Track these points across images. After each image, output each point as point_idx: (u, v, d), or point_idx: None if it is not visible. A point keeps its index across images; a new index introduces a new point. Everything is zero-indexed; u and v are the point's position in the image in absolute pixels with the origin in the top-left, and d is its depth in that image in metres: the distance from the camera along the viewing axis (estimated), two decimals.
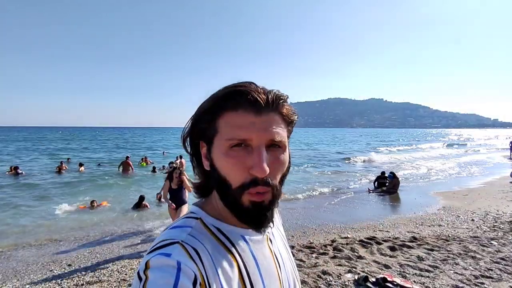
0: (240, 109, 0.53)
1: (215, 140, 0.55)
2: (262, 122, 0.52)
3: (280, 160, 0.54)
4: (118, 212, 7.78)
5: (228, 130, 0.53)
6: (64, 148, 32.41)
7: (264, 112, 0.53)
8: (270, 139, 0.53)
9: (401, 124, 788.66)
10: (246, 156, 0.52)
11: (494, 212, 7.02)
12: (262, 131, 0.52)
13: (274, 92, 0.56)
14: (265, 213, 0.54)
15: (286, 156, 0.56)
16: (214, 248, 0.54)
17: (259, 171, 0.50)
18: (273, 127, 0.53)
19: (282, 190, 0.58)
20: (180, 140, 0.63)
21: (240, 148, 0.52)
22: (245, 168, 0.52)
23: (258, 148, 0.51)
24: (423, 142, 47.90)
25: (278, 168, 0.54)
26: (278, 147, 0.54)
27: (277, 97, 0.55)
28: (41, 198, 9.37)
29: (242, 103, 0.53)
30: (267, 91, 0.55)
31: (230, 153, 0.52)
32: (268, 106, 0.54)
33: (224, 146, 0.53)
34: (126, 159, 14.36)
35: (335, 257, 4.47)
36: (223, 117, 0.54)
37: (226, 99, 0.54)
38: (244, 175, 0.52)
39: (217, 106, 0.55)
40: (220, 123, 0.54)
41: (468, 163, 18.67)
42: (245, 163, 0.52)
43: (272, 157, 0.53)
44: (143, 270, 0.47)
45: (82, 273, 4.25)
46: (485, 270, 3.89)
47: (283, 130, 0.56)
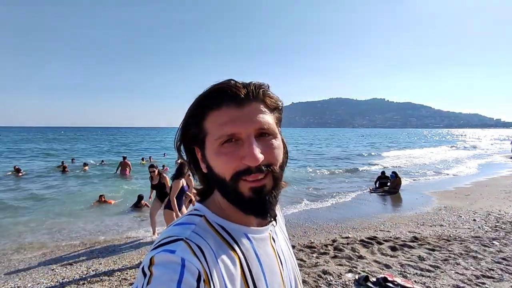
0: (223, 106, 0.54)
1: (207, 142, 0.56)
2: (246, 114, 0.54)
3: (273, 146, 0.55)
4: (117, 211, 7.81)
5: (216, 129, 0.54)
6: (70, 148, 32.62)
7: (246, 103, 0.54)
8: (258, 128, 0.54)
9: (403, 124, 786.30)
10: (237, 149, 0.53)
11: (496, 212, 6.99)
12: (248, 122, 0.53)
13: (253, 83, 0.57)
14: (267, 198, 0.54)
15: (278, 142, 0.57)
16: (217, 246, 0.55)
17: (251, 160, 0.51)
18: (258, 116, 0.54)
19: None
20: (174, 149, 0.63)
21: (231, 144, 0.53)
22: (237, 159, 0.52)
23: (247, 139, 0.52)
24: (430, 143, 46.13)
25: (272, 153, 0.55)
26: (268, 135, 0.55)
27: (257, 87, 0.57)
28: (40, 199, 9.42)
29: (224, 100, 0.54)
30: (245, 84, 0.56)
31: (222, 150, 0.53)
32: (248, 98, 0.55)
33: (215, 145, 0.54)
34: (123, 160, 14.30)
35: (336, 256, 4.47)
36: (209, 118, 0.55)
37: (207, 99, 0.55)
38: (237, 165, 0.53)
39: (201, 107, 0.56)
40: (208, 124, 0.55)
41: (474, 163, 18.59)
42: (237, 155, 0.52)
43: (265, 145, 0.54)
44: (147, 266, 0.47)
45: (83, 272, 4.27)
46: (487, 270, 3.87)
47: (270, 117, 0.56)
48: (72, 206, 8.34)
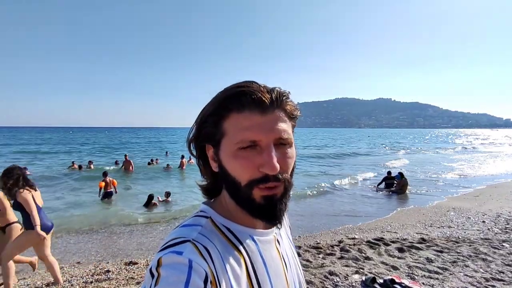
0: (245, 110, 0.53)
1: (223, 142, 0.56)
2: (269, 122, 0.53)
3: (288, 155, 0.56)
4: (126, 210, 7.88)
5: (236, 133, 0.53)
6: (85, 148, 32.96)
7: (270, 111, 0.54)
8: (278, 137, 0.54)
9: (409, 124, 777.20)
10: (255, 156, 0.53)
11: (506, 214, 6.87)
12: (270, 130, 0.53)
13: (277, 90, 0.56)
14: (278, 206, 0.55)
15: (293, 151, 0.57)
16: (223, 247, 0.55)
17: (270, 168, 0.51)
18: (279, 125, 0.54)
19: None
20: (185, 144, 0.64)
21: (249, 149, 0.53)
22: (254, 166, 0.53)
23: (267, 148, 0.53)
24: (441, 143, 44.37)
25: (288, 163, 0.56)
26: (286, 144, 0.55)
27: (280, 95, 0.56)
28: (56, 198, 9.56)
29: (247, 103, 0.53)
30: (270, 90, 0.56)
31: (240, 154, 0.53)
32: (272, 105, 0.55)
33: (234, 149, 0.54)
34: (125, 158, 14.95)
35: (342, 257, 4.44)
36: (229, 119, 0.55)
37: (230, 101, 0.55)
38: (254, 172, 0.53)
39: (222, 108, 0.55)
40: (227, 125, 0.55)
41: (483, 163, 18.29)
42: (255, 162, 0.53)
43: (281, 154, 0.54)
44: (155, 267, 0.48)
45: (91, 270, 4.32)
46: (497, 272, 3.80)
47: (288, 126, 0.57)
48: (81, 202, 8.45)
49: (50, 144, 39.20)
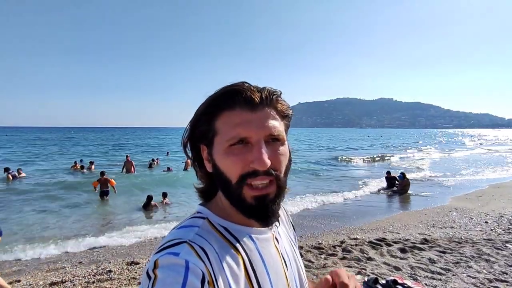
0: (236, 108, 0.55)
1: (215, 141, 0.57)
2: (259, 119, 0.55)
3: (280, 152, 0.56)
4: (127, 211, 7.89)
5: (227, 130, 0.54)
6: (85, 148, 33.05)
7: (260, 108, 0.55)
8: (268, 133, 0.54)
9: (411, 124, 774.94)
10: (246, 152, 0.53)
11: (509, 214, 6.83)
12: (260, 127, 0.54)
13: (267, 89, 0.58)
14: (270, 207, 0.55)
15: (285, 148, 0.58)
16: (221, 247, 0.55)
17: (260, 164, 0.52)
18: (270, 122, 0.55)
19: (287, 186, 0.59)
20: (181, 145, 0.64)
21: (240, 146, 0.54)
22: (245, 163, 0.53)
23: (257, 144, 0.53)
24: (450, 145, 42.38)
25: (279, 159, 0.56)
26: (277, 141, 0.56)
27: (271, 93, 0.58)
28: (53, 199, 9.59)
29: (238, 101, 0.55)
30: (260, 89, 0.58)
31: (231, 151, 0.54)
32: (262, 103, 0.56)
33: (225, 146, 0.54)
34: (126, 158, 14.92)
35: (344, 258, 4.43)
36: (221, 117, 0.56)
37: (222, 99, 0.56)
38: (244, 168, 0.53)
39: (214, 107, 0.57)
40: (219, 123, 0.56)
41: (486, 163, 18.21)
42: (246, 158, 0.53)
43: (272, 151, 0.55)
44: (152, 269, 0.48)
45: (93, 270, 4.32)
46: (500, 273, 3.78)
47: (280, 124, 0.58)
48: (80, 205, 8.47)
49: (50, 144, 39.35)
